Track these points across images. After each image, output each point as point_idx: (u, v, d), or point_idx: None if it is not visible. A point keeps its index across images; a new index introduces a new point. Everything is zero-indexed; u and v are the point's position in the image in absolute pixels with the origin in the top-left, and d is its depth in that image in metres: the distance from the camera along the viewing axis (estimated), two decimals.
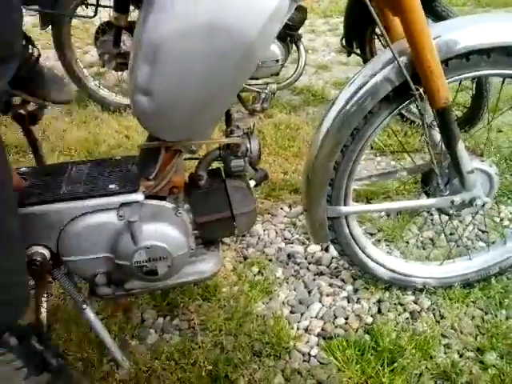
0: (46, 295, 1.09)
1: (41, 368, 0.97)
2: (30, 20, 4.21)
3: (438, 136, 1.15)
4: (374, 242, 1.39)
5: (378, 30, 2.19)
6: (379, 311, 1.30)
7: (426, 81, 1.00)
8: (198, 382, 1.10)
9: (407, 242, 1.57)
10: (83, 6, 2.37)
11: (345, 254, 1.30)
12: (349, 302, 1.34)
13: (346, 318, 1.28)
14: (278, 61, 2.26)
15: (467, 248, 1.45)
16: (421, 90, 1.02)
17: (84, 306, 1.07)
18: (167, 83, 0.83)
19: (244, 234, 1.62)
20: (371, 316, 1.28)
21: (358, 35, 2.28)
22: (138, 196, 0.98)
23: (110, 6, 2.26)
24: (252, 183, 1.16)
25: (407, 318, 1.27)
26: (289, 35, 2.30)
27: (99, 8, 2.23)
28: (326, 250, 1.54)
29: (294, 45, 2.37)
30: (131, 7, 2.20)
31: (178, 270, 1.05)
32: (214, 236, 1.13)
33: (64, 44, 2.45)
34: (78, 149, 2.14)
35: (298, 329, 1.26)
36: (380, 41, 2.16)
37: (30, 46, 1.01)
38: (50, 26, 2.38)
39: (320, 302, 1.34)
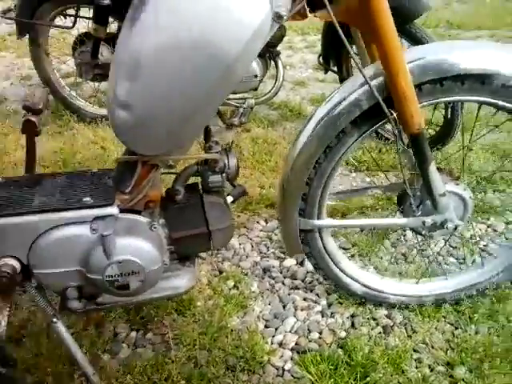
0: (9, 309, 1.07)
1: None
2: (6, 28, 4.18)
3: (411, 158, 1.17)
4: (348, 257, 1.41)
5: (355, 49, 2.24)
6: (353, 325, 1.31)
7: (400, 106, 1.01)
8: None
9: (381, 258, 1.59)
10: (62, 17, 2.36)
11: (319, 268, 1.31)
12: (323, 317, 1.35)
13: (320, 333, 1.29)
14: (256, 76, 2.29)
15: (439, 264, 1.48)
16: (395, 115, 1.03)
17: (54, 319, 1.05)
18: (146, 98, 0.83)
19: (220, 248, 1.62)
20: (345, 330, 1.29)
21: (335, 53, 2.32)
22: (113, 210, 0.97)
23: (89, 18, 2.25)
24: (229, 199, 1.17)
25: (380, 333, 1.28)
26: (267, 51, 2.33)
27: (78, 19, 2.23)
28: (301, 264, 1.55)
29: (272, 61, 2.41)
30: (110, 19, 2.21)
31: (150, 285, 1.04)
32: (189, 251, 1.12)
33: (41, 53, 2.43)
34: (52, 159, 2.12)
35: (272, 343, 1.27)
36: (356, 64, 2.21)
37: None
38: (28, 35, 2.37)
39: (294, 316, 1.35)
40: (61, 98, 2.57)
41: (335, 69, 2.39)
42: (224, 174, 1.06)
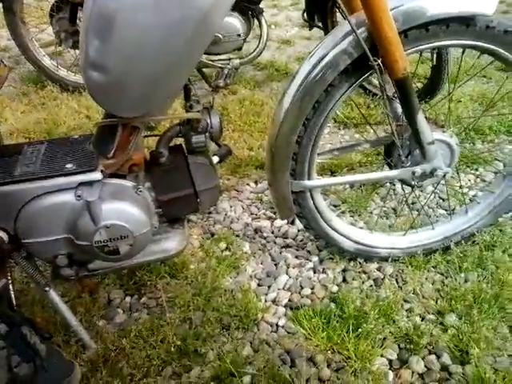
0: (10, 278, 1.08)
1: (31, 354, 0.96)
2: None
3: (399, 108, 1.16)
4: (338, 215, 1.41)
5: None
6: (344, 280, 1.33)
7: (385, 51, 1.01)
8: (167, 358, 1.11)
9: (371, 213, 1.60)
10: None
11: (310, 228, 1.31)
12: (315, 273, 1.36)
13: (312, 288, 1.31)
14: (239, 35, 2.24)
15: (429, 217, 1.49)
16: (379, 62, 1.02)
17: (47, 288, 1.06)
18: (120, 57, 0.80)
19: (210, 211, 1.62)
20: (336, 285, 1.31)
21: (319, 8, 2.27)
22: (96, 175, 0.95)
23: None
24: (215, 159, 1.16)
25: (371, 286, 1.30)
26: (250, 9, 2.27)
27: None
28: (292, 223, 1.55)
29: (255, 19, 2.35)
30: None
31: (140, 248, 1.04)
32: (177, 213, 1.12)
33: (17, 22, 2.35)
34: (36, 131, 2.09)
35: (265, 301, 1.28)
36: (341, 13, 2.16)
37: None
38: (1, 4, 2.29)
39: (287, 273, 1.36)
40: (42, 69, 2.50)
41: (320, 24, 2.34)
42: (207, 134, 1.05)
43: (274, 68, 2.74)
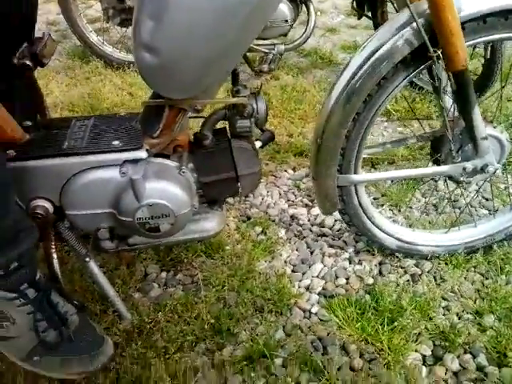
0: (53, 247, 1.10)
1: (59, 322, 0.98)
2: None
3: (449, 102, 1.13)
4: (380, 211, 1.38)
5: None
6: (380, 273, 1.31)
7: (446, 42, 0.97)
8: (201, 335, 1.12)
9: (411, 207, 1.57)
10: None
11: (353, 225, 1.29)
12: (350, 263, 1.35)
13: (347, 279, 1.30)
14: (286, 21, 2.21)
15: (471, 215, 1.45)
16: (439, 52, 0.99)
17: (87, 259, 1.08)
18: (172, 39, 0.80)
19: (247, 195, 1.62)
20: (372, 277, 1.29)
21: None
22: (142, 153, 0.97)
23: None
24: (258, 144, 1.15)
25: (408, 281, 1.28)
26: None
27: None
28: None
29: (303, 5, 2.31)
30: None
31: (180, 227, 1.05)
32: (217, 196, 1.12)
33: None
34: (80, 105, 2.12)
35: (299, 287, 1.28)
36: (392, 4, 2.11)
37: None
38: None
39: (322, 262, 1.36)
40: (88, 44, 2.54)
41: (369, 14, 2.29)
42: (252, 119, 1.05)
43: (318, 55, 2.70)
